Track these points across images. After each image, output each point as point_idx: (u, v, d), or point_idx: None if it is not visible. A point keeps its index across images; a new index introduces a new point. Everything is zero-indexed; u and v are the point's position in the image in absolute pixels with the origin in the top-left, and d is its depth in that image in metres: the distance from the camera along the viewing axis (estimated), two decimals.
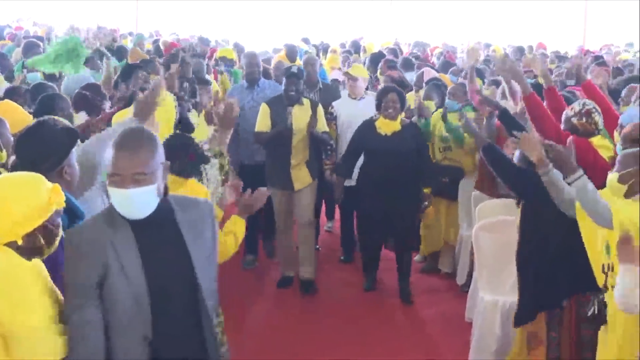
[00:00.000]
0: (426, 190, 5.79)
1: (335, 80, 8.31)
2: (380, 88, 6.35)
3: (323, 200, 7.00)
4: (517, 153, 4.03)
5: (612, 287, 3.14)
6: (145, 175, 2.30)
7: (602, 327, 3.42)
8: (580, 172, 3.35)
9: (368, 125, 5.80)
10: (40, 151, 2.82)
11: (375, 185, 5.71)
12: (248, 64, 6.80)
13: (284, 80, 6.01)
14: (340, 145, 6.41)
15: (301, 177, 5.92)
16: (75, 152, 2.98)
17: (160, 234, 2.45)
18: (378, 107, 5.83)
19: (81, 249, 2.35)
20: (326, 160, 6.35)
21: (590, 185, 3.34)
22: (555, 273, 3.72)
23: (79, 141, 3.11)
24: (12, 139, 3.45)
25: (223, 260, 3.14)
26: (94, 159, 3.14)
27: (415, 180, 5.73)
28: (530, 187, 3.74)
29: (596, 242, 3.39)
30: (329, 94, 6.92)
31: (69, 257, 2.37)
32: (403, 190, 5.61)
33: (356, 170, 5.96)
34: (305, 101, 5.99)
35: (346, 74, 6.86)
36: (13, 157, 3.01)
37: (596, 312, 3.47)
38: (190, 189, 3.62)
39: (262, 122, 5.91)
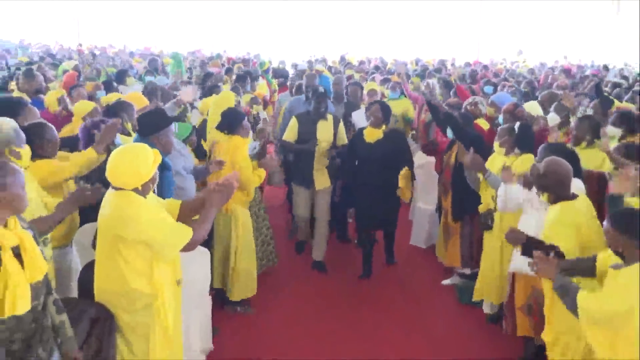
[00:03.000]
0: (404, 172, 6.34)
1: (355, 85, 9.14)
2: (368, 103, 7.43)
3: None
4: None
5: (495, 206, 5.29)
6: None
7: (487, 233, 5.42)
8: (489, 172, 5.16)
9: (358, 135, 6.67)
10: (149, 123, 4.44)
11: (365, 184, 6.49)
12: (308, 81, 8.33)
13: (313, 98, 6.88)
14: None
15: (322, 180, 6.77)
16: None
17: None
18: (367, 118, 6.68)
19: None
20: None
21: (493, 175, 5.08)
22: (469, 194, 5.72)
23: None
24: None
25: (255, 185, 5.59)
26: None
27: (393, 179, 6.30)
28: (466, 142, 5.58)
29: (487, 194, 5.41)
30: (351, 106, 8.13)
31: None
32: (386, 186, 6.33)
33: None
34: (329, 117, 6.78)
35: (370, 90, 8.71)
36: None
37: (488, 221, 5.31)
38: None
39: (290, 133, 6.80)
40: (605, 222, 3.60)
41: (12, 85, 8.59)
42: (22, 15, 24.02)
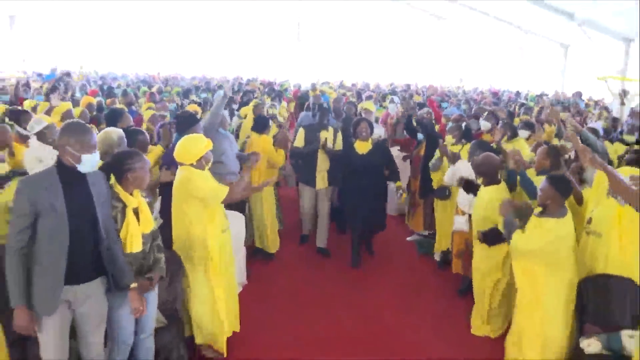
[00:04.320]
0: (398, 185, 6.72)
1: (350, 104, 9.70)
2: (354, 120, 7.17)
3: None
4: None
5: None
6: None
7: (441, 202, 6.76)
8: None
9: (349, 147, 6.76)
10: (183, 122, 5.38)
11: (355, 190, 6.63)
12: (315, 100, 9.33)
13: (318, 112, 7.34)
14: None
15: (322, 181, 7.06)
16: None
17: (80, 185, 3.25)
18: (354, 133, 6.74)
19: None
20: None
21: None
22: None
23: None
24: None
25: (281, 163, 7.01)
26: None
27: (383, 184, 6.79)
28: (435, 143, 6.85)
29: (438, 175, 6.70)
30: (349, 121, 8.07)
31: None
32: (374, 191, 6.66)
33: None
34: (330, 128, 7.09)
35: (365, 109, 8.63)
36: None
37: (445, 192, 6.74)
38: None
39: (299, 140, 7.09)
40: (543, 182, 4.21)
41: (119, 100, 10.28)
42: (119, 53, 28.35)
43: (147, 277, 3.70)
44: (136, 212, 3.57)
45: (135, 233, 3.52)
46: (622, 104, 12.04)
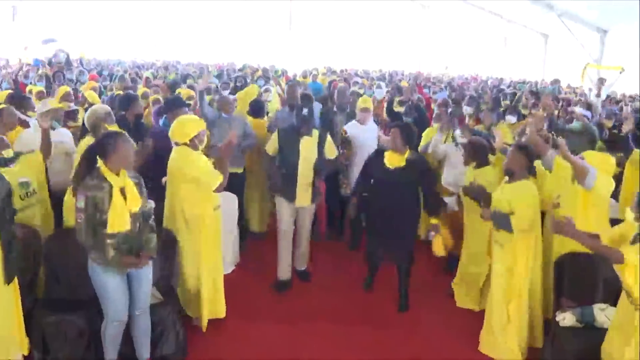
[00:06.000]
0: (433, 221, 4.96)
1: (354, 94, 8.38)
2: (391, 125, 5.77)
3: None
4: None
5: None
6: None
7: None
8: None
9: (379, 155, 5.13)
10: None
11: (378, 209, 5.06)
12: (290, 92, 7.11)
13: (295, 114, 5.70)
14: (352, 162, 6.25)
15: (304, 198, 5.35)
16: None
17: None
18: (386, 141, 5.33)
19: None
20: (343, 179, 6.23)
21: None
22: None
23: None
24: None
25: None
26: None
27: (413, 208, 5.10)
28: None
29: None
30: (354, 116, 6.57)
31: None
32: (402, 215, 4.98)
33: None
34: (315, 133, 5.35)
35: (363, 109, 6.42)
36: None
37: None
38: None
39: (271, 146, 5.44)
40: (511, 149, 4.37)
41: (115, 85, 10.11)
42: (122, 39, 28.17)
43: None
44: (123, 192, 3.53)
45: (121, 212, 3.48)
46: (598, 95, 12.33)
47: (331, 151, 5.45)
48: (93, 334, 3.83)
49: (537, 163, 4.56)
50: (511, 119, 7.10)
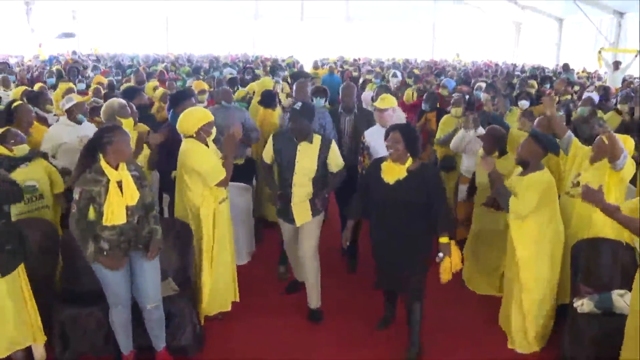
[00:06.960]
0: (443, 240, 3.89)
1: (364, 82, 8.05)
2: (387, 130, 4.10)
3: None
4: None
5: None
6: None
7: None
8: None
9: (375, 167, 4.06)
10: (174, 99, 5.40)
11: (378, 238, 4.14)
12: (299, 90, 6.21)
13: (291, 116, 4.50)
14: None
15: (302, 214, 4.53)
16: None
17: None
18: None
19: None
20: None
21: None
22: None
23: None
24: None
25: None
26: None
27: (421, 235, 3.99)
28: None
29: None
30: (363, 118, 5.65)
31: None
32: (407, 244, 3.98)
33: None
34: (316, 139, 4.46)
35: (380, 110, 5.19)
36: None
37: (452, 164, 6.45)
38: None
39: (267, 152, 4.65)
40: (526, 139, 4.20)
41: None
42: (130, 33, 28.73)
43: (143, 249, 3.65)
44: (121, 185, 3.51)
45: (117, 205, 3.47)
46: (617, 68, 12.19)
47: (336, 162, 4.50)
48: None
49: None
50: (525, 104, 7.03)
